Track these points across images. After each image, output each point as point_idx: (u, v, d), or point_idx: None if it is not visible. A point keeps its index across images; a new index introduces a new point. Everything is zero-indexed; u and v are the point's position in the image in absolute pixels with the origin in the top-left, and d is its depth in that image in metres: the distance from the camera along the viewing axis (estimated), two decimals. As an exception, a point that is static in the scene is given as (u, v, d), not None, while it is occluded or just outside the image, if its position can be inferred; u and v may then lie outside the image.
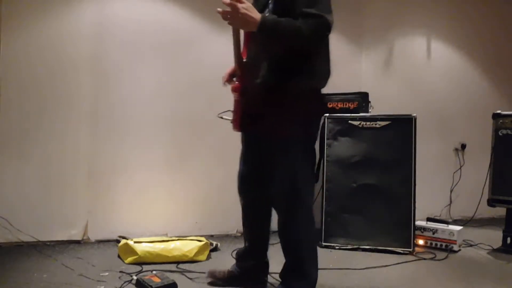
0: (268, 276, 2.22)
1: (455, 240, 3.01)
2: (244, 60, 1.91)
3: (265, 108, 1.78)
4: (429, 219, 3.22)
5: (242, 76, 1.91)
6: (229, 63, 2.07)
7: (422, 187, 3.17)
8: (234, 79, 2.02)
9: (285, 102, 1.75)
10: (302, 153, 1.85)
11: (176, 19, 3.29)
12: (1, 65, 2.84)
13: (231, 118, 2.00)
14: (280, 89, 1.75)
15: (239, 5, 1.58)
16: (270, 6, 1.79)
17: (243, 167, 2.10)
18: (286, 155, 1.82)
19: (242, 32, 1.85)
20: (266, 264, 2.19)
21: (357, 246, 3.01)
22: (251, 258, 2.18)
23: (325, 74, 1.86)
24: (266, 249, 2.18)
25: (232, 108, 2.04)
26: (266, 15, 1.70)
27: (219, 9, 1.61)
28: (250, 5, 1.62)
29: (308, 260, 1.91)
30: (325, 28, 1.61)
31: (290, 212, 1.85)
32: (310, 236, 1.93)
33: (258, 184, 2.04)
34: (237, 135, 3.34)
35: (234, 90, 1.96)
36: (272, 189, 1.89)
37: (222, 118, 2.11)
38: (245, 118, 1.91)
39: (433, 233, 3.10)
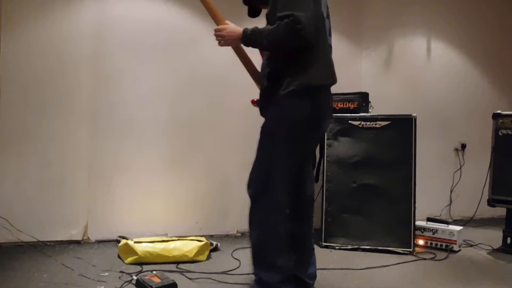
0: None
1: (455, 240, 3.01)
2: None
3: (263, 111, 1.99)
4: (429, 219, 3.23)
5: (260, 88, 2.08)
6: (229, 63, 2.08)
7: (422, 187, 3.18)
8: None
9: (276, 102, 1.89)
10: (283, 150, 1.91)
11: (176, 19, 3.29)
12: (2, 64, 2.84)
13: None
14: (274, 91, 1.90)
15: (222, 27, 1.94)
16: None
17: None
18: (264, 147, 1.94)
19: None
20: (304, 264, 2.15)
21: (357, 246, 3.01)
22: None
23: (323, 70, 1.93)
24: (299, 249, 2.14)
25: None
26: (247, 28, 1.90)
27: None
28: (232, 24, 1.96)
29: (271, 251, 1.92)
30: (295, 23, 1.72)
31: (255, 200, 1.93)
32: (273, 229, 1.91)
33: None
34: (237, 135, 3.36)
35: (252, 103, 2.15)
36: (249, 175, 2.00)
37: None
38: None
39: (433, 233, 3.10)
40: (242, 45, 1.98)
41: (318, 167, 3.32)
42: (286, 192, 1.93)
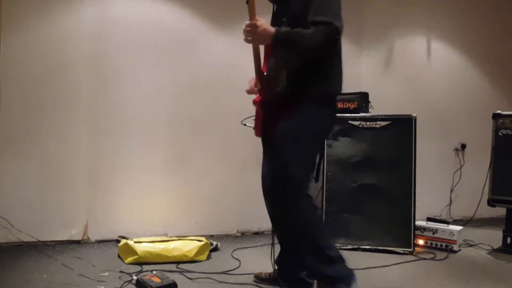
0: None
1: (455, 240, 3.01)
2: (265, 73, 2.03)
3: (281, 112, 1.92)
4: (429, 219, 3.22)
5: (263, 89, 2.03)
6: (229, 63, 2.08)
7: (422, 187, 3.17)
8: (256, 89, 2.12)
9: (298, 107, 1.87)
10: (306, 155, 1.93)
11: (176, 19, 3.29)
12: (1, 64, 2.84)
13: (253, 125, 2.15)
14: (295, 96, 1.88)
15: (256, 24, 1.77)
16: (285, 22, 1.91)
17: (263, 171, 2.13)
18: (282, 151, 1.91)
19: (262, 48, 2.00)
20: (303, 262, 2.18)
21: (357, 246, 3.01)
22: (287, 259, 2.18)
23: (339, 80, 1.97)
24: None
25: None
26: (280, 28, 1.84)
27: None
28: (265, 22, 1.82)
29: (309, 253, 1.91)
30: (335, 33, 1.73)
31: (281, 207, 1.92)
32: (307, 228, 1.92)
33: None
34: (237, 135, 3.36)
35: (255, 102, 2.09)
36: (267, 182, 1.99)
37: (245, 125, 2.28)
38: (264, 125, 2.06)
39: (433, 233, 3.09)
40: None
41: (318, 167, 3.33)
42: (306, 193, 1.93)
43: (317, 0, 1.77)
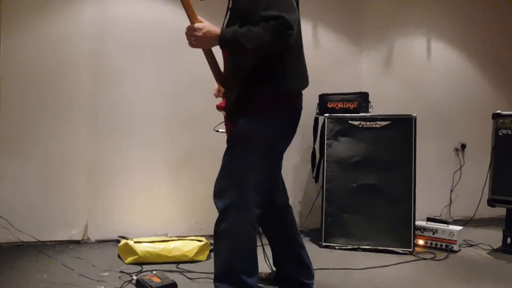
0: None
1: (455, 240, 3.01)
2: (225, 76, 1.94)
3: (237, 114, 1.82)
4: (429, 219, 3.22)
5: (225, 93, 1.93)
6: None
7: (422, 187, 3.18)
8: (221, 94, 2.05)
9: (253, 108, 1.77)
10: (259, 158, 1.82)
11: (176, 19, 3.28)
12: (2, 64, 2.84)
13: (224, 130, 2.08)
14: (250, 96, 1.77)
15: (196, 27, 1.71)
16: (235, 17, 1.80)
17: None
18: (237, 155, 1.83)
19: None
20: (300, 264, 2.15)
21: (357, 246, 3.01)
22: (283, 261, 2.16)
23: (299, 76, 1.86)
24: (290, 252, 2.14)
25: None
26: (226, 28, 1.73)
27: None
28: (207, 23, 1.74)
29: (243, 266, 1.82)
30: (285, 27, 1.59)
31: (226, 211, 1.81)
32: (239, 245, 1.81)
33: None
34: (237, 135, 3.36)
35: (218, 107, 2.01)
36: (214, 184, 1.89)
37: (218, 131, 2.23)
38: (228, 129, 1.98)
39: (433, 233, 3.10)
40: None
41: (318, 167, 3.34)
42: (259, 202, 1.84)
43: None
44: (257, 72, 1.75)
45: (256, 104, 1.77)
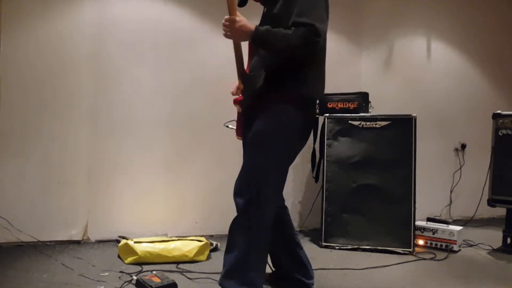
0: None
1: (455, 240, 3.01)
2: (248, 73, 2.01)
3: (256, 113, 1.89)
4: (429, 219, 3.23)
5: (244, 89, 2.01)
6: (229, 63, 2.08)
7: (422, 187, 3.18)
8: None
9: (272, 108, 1.84)
10: (280, 156, 1.88)
11: (176, 19, 3.29)
12: (2, 65, 2.84)
13: (235, 127, 2.15)
14: (270, 96, 1.84)
15: (234, 19, 1.77)
16: (269, 22, 1.86)
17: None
18: (254, 154, 1.89)
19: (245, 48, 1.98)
20: (299, 264, 2.16)
21: (357, 246, 3.01)
22: (281, 261, 2.17)
23: (319, 84, 1.94)
24: (288, 252, 2.16)
25: (235, 117, 2.18)
26: (261, 26, 1.81)
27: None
28: (244, 19, 1.81)
29: (253, 265, 1.86)
30: (314, 35, 1.69)
31: (247, 209, 1.87)
32: (256, 241, 1.85)
33: None
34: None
35: (236, 102, 2.08)
36: (236, 181, 1.95)
37: (228, 127, 2.27)
38: (243, 126, 2.05)
39: (433, 233, 3.10)
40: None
41: (318, 167, 3.34)
42: (277, 200, 1.90)
43: (300, 1, 1.73)
44: (280, 73, 1.83)
45: (275, 104, 1.83)
